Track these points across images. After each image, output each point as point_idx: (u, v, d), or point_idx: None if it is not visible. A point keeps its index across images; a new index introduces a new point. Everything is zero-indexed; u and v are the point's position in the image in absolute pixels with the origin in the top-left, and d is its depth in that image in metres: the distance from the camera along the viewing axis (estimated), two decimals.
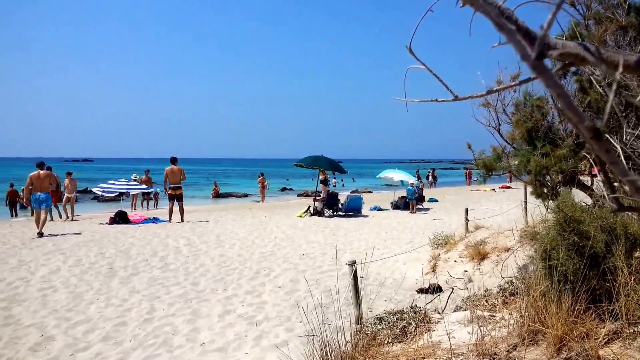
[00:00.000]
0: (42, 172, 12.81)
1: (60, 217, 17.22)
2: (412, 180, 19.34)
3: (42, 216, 12.45)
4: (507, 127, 5.99)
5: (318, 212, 16.90)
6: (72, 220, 16.57)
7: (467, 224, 9.53)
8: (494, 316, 3.18)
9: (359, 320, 5.39)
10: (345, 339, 2.89)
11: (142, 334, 5.19)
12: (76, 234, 12.55)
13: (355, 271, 5.27)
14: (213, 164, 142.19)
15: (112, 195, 17.25)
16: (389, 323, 3.53)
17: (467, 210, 9.82)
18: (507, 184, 32.46)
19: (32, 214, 14.07)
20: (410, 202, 18.30)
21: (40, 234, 12.13)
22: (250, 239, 11.32)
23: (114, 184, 17.13)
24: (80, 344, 4.92)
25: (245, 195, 31.50)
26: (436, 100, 0.98)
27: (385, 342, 3.20)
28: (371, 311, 5.77)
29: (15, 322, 5.57)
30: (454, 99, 0.94)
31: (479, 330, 2.70)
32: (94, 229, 13.68)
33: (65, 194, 17.27)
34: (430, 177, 39.74)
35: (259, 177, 27.05)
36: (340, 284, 7.14)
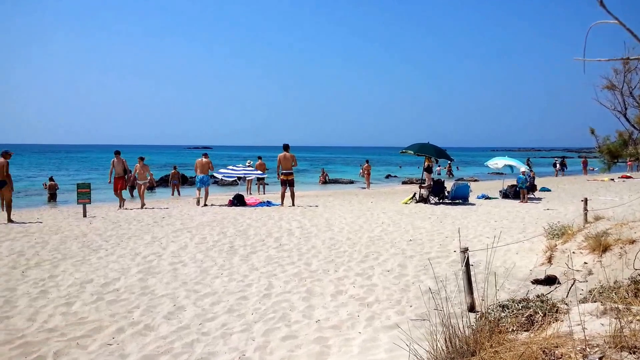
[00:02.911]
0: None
1: (121, 205, 15.90)
2: (523, 168, 18.42)
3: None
4: (634, 112, 5.58)
5: (424, 199, 16.77)
6: (143, 207, 15.65)
7: (585, 214, 9.00)
8: (629, 309, 3.05)
9: (471, 307, 5.40)
10: (463, 324, 2.95)
11: (262, 308, 5.61)
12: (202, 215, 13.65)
13: (468, 258, 5.26)
14: (320, 152, 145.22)
15: (231, 179, 18.42)
16: (513, 311, 3.52)
17: (586, 200, 9.27)
18: (627, 174, 29.69)
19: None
20: (521, 190, 17.51)
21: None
22: (358, 224, 11.59)
23: (232, 169, 18.35)
24: (207, 315, 5.42)
25: (351, 182, 32.02)
26: (627, 59, 1.03)
27: (510, 330, 3.20)
28: (483, 300, 5.72)
29: (151, 292, 6.23)
30: None
31: (618, 322, 2.62)
32: (215, 210, 14.81)
33: (137, 182, 16.91)
34: (558, 165, 37.43)
35: (365, 164, 27.51)
36: (450, 270, 7.15)
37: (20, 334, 4.83)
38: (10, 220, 12.40)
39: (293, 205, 15.54)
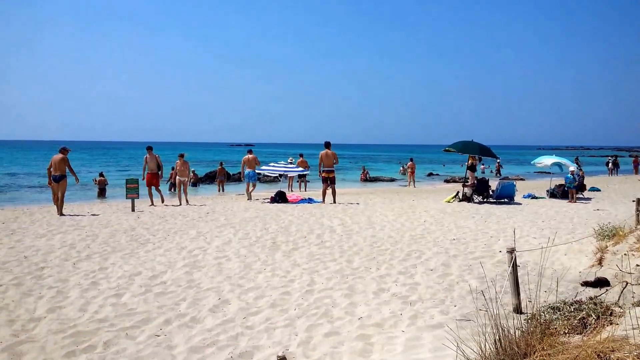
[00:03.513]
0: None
1: (162, 201, 15.97)
2: (571, 167, 17.79)
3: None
4: None
5: (467, 198, 16.46)
6: (187, 204, 15.73)
7: (638, 215, 8.64)
8: None
9: (517, 309, 5.26)
10: (514, 326, 2.86)
11: (305, 304, 5.64)
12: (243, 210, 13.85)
13: (515, 259, 5.12)
14: (360, 149, 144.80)
15: (273, 176, 18.60)
16: (564, 313, 3.41)
17: (638, 200, 8.87)
18: None
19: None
20: (570, 190, 16.94)
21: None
22: (400, 222, 11.49)
23: (274, 166, 18.52)
24: (251, 309, 5.49)
25: (392, 180, 31.81)
26: None
27: (561, 332, 3.10)
28: (530, 301, 5.56)
29: (196, 286, 6.36)
30: None
31: None
32: (257, 206, 15.00)
33: (178, 178, 16.50)
34: (610, 164, 36.02)
35: (409, 162, 27.31)
36: (495, 271, 6.98)
37: (72, 323, 5.02)
38: (61, 214, 13.02)
39: (334, 202, 15.56)
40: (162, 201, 15.99)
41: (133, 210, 13.86)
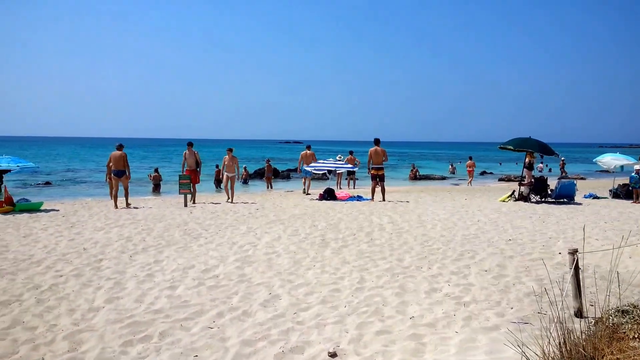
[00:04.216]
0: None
1: (193, 200, 15.16)
2: (637, 166, 16.86)
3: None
4: None
5: (524, 198, 15.89)
6: (231, 202, 15.31)
7: None
8: None
9: (578, 312, 5.01)
10: (581, 329, 2.71)
11: (355, 301, 5.58)
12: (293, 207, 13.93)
13: (577, 261, 4.88)
14: (409, 147, 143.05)
15: (321, 173, 18.60)
16: (634, 317, 3.21)
17: None
18: None
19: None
20: (634, 190, 16.07)
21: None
22: (452, 221, 11.22)
23: (322, 163, 18.50)
24: (302, 304, 5.49)
25: (443, 178, 31.16)
26: None
27: (630, 337, 2.91)
28: (592, 305, 5.29)
29: (247, 280, 6.43)
30: None
31: None
32: (306, 203, 15.05)
33: (225, 173, 16.07)
34: None
35: (469, 160, 27.17)
36: (554, 273, 6.69)
37: (129, 314, 5.17)
38: (127, 205, 14.05)
39: (383, 200, 15.40)
40: (193, 201, 15.17)
41: (186, 205, 14.21)
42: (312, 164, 18.45)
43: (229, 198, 15.77)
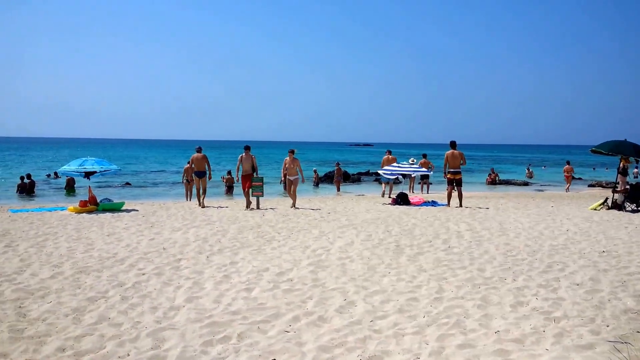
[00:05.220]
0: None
1: (248, 206, 14.52)
2: None
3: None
4: None
5: (618, 206, 14.71)
6: (294, 207, 14.72)
7: None
8: None
9: None
10: None
11: (434, 312, 5.33)
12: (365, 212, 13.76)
13: None
14: (487, 150, 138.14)
15: (394, 177, 18.23)
16: None
17: None
18: None
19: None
20: None
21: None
22: (538, 230, 10.56)
23: (397, 166, 18.02)
24: (378, 312, 5.30)
25: (525, 184, 29.70)
26: None
27: None
28: None
29: (322, 285, 6.33)
30: None
31: None
32: (378, 208, 14.82)
33: (287, 177, 15.08)
34: None
35: (566, 165, 26.14)
36: None
37: (208, 314, 5.23)
38: (203, 206, 14.66)
39: (460, 206, 14.83)
40: (249, 206, 14.50)
41: (258, 207, 14.40)
42: (385, 167, 18.14)
43: (293, 203, 14.98)
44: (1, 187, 23.98)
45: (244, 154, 14.71)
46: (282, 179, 15.70)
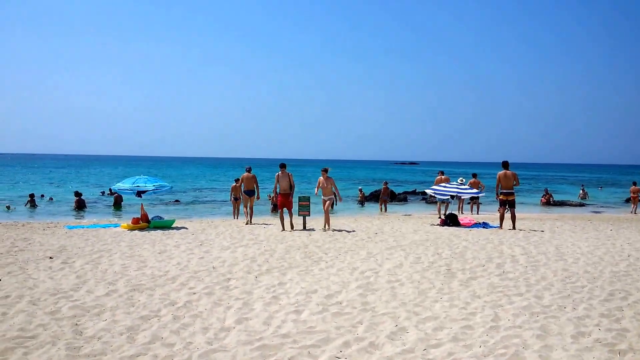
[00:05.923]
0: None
1: (284, 227, 13.96)
2: None
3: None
4: None
5: None
6: (328, 228, 14.08)
7: None
8: None
9: None
10: None
11: (491, 342, 5.11)
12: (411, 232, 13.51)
13: None
14: (540, 169, 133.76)
15: (444, 197, 17.85)
16: None
17: None
18: None
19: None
20: None
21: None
22: (597, 255, 10.06)
23: (445, 186, 17.66)
24: (431, 340, 5.14)
25: (581, 205, 28.49)
26: None
27: None
28: None
29: (372, 309, 6.19)
30: None
31: None
32: (427, 229, 14.51)
33: (322, 197, 14.46)
34: None
35: (632, 185, 25.04)
36: None
37: (258, 336, 5.21)
38: (250, 223, 15.34)
39: (514, 228, 14.32)
40: (292, 227, 14.09)
41: (305, 227, 14.36)
42: (434, 187, 17.81)
43: (326, 224, 14.20)
44: (55, 204, 25.03)
45: (280, 172, 14.16)
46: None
